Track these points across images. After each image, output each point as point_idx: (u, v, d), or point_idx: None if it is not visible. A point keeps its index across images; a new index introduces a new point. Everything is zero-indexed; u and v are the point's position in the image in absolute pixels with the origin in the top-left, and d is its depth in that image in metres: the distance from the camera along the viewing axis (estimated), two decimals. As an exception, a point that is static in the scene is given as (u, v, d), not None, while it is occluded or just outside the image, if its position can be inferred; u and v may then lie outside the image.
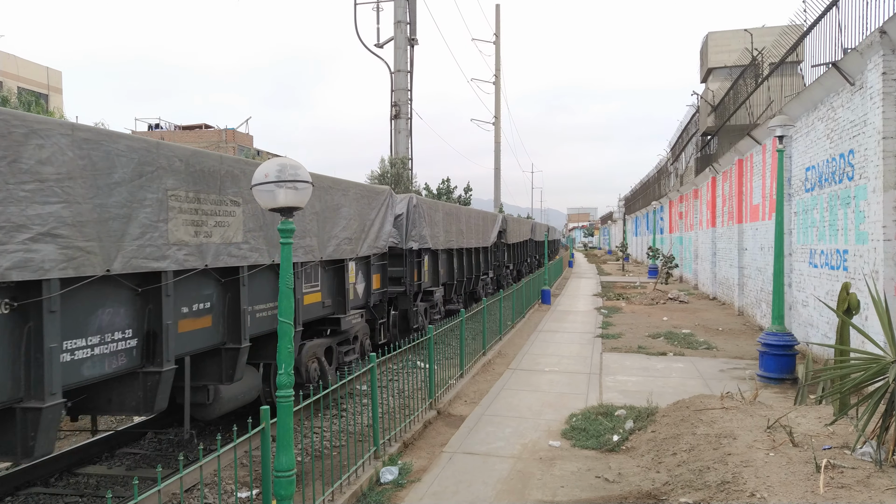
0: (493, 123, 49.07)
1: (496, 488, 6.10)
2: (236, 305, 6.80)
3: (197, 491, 6.05)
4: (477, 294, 19.76)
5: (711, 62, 30.54)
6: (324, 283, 9.01)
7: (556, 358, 12.53)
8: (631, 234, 62.79)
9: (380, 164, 26.76)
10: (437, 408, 8.75)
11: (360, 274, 10.31)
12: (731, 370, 11.24)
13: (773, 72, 16.30)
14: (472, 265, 18.96)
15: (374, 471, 6.39)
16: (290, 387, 4.41)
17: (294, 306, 6.13)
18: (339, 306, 9.53)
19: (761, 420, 6.62)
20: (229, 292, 6.80)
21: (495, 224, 22.27)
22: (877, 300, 5.86)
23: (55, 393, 4.62)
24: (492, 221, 21.93)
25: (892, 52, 8.63)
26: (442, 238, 14.82)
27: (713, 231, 23.02)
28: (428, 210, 13.75)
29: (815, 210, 11.91)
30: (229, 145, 47.59)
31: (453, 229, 16.03)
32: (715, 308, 20.43)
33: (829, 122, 11.18)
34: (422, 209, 13.26)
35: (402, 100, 24.84)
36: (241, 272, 6.81)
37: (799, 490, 4.86)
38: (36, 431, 4.55)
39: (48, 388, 4.56)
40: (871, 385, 5.51)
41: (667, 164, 40.17)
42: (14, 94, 28.45)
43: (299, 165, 4.30)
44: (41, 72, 39.07)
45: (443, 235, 14.90)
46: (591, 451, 7.05)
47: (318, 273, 8.82)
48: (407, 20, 24.96)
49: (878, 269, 8.78)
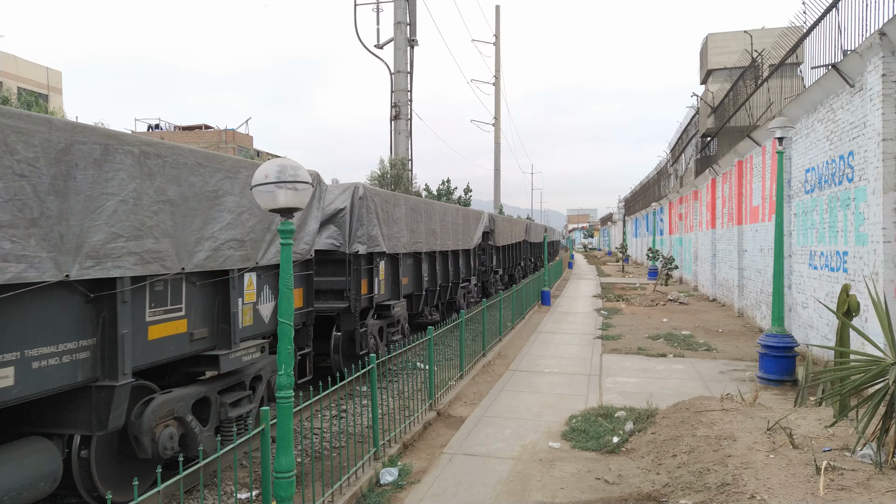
0: (492, 124, 49.11)
1: (496, 490, 6.10)
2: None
3: (197, 492, 6.04)
4: (457, 304, 17.01)
5: (711, 63, 30.56)
6: (192, 306, 6.20)
7: (555, 359, 12.52)
8: (631, 235, 62.81)
9: (379, 165, 26.76)
10: (437, 409, 8.75)
11: (265, 289, 7.55)
12: (731, 372, 11.23)
13: (773, 73, 16.31)
14: (449, 271, 16.02)
15: (374, 472, 6.39)
16: (289, 388, 4.41)
17: (118, 343, 5.03)
18: (221, 338, 6.63)
19: (761, 422, 6.62)
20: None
21: (479, 223, 19.48)
22: (877, 302, 5.86)
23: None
24: (475, 220, 19.16)
25: (891, 53, 8.64)
26: (405, 239, 12.36)
27: (713, 232, 23.02)
28: (381, 203, 11.13)
29: (814, 212, 11.91)
30: (229, 146, 47.63)
31: (422, 228, 13.56)
32: (715, 309, 20.43)
33: (828, 123, 11.19)
34: (371, 203, 10.62)
35: (402, 101, 24.84)
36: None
37: (799, 492, 4.86)
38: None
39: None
40: (871, 387, 5.51)
41: (666, 166, 40.19)
42: (14, 95, 28.46)
43: (299, 166, 4.31)
44: (41, 72, 39.09)
45: (406, 236, 12.44)
46: (590, 453, 7.05)
47: (182, 291, 6.06)
48: (407, 21, 24.98)
49: (878, 271, 8.78)
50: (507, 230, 24.74)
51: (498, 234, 22.36)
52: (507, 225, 25.01)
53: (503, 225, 23.80)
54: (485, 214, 20.25)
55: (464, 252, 17.63)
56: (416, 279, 13.81)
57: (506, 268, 25.54)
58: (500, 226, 22.87)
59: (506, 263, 25.49)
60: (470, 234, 18.09)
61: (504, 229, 23.86)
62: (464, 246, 17.28)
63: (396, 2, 24.83)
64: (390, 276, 12.09)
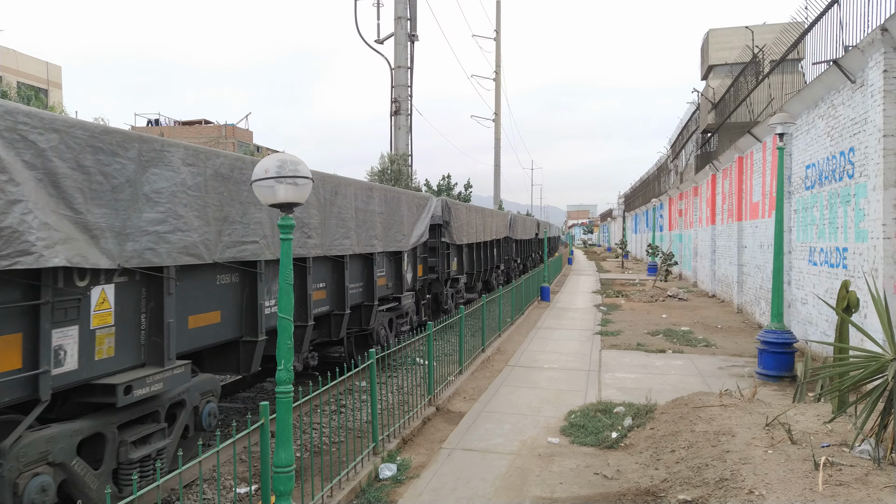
0: (493, 120, 49.04)
1: (495, 485, 6.11)
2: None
3: (196, 486, 6.05)
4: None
5: (712, 59, 30.50)
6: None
7: (555, 355, 12.53)
8: (630, 231, 62.79)
9: (379, 161, 26.70)
10: (436, 404, 8.76)
11: None
12: (730, 368, 11.25)
13: (774, 69, 16.28)
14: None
15: (373, 467, 6.40)
16: (289, 383, 4.42)
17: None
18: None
19: (760, 417, 6.63)
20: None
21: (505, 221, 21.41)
22: (876, 298, 5.86)
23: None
24: (501, 218, 20.95)
25: (893, 49, 8.61)
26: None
27: (713, 228, 23.02)
28: None
29: (814, 208, 11.91)
30: (229, 141, 47.55)
31: None
32: (714, 305, 20.44)
33: (829, 119, 11.17)
34: None
35: (403, 96, 24.79)
36: None
37: (797, 487, 4.87)
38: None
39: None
40: (870, 383, 5.51)
41: (667, 162, 40.17)
42: (14, 89, 28.40)
43: (299, 161, 4.30)
44: (41, 67, 38.99)
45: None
46: (589, 448, 7.06)
47: None
48: (407, 16, 24.91)
49: (878, 268, 8.78)
50: (523, 227, 19.70)
51: (517, 231, 18.31)
52: (523, 223, 19.83)
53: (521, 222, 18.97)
54: (432, 201, 14.37)
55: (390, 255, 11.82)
56: None
57: (521, 258, 21.01)
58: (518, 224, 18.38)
59: (521, 254, 20.79)
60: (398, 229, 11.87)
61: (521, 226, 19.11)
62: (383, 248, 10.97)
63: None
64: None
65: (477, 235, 18.52)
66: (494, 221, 21.68)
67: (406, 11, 24.84)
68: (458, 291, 17.20)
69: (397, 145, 25.22)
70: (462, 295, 17.69)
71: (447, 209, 15.36)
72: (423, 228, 13.34)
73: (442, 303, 15.79)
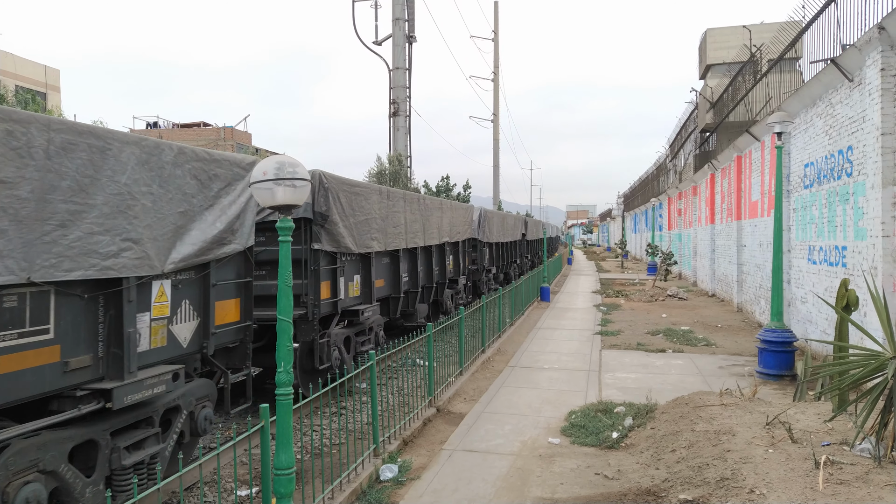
0: (491, 121, 49.06)
1: (496, 485, 6.10)
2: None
3: (197, 489, 6.05)
4: (444, 306, 15.61)
5: (710, 59, 30.54)
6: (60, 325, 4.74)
7: (555, 355, 12.53)
8: (630, 231, 62.80)
9: (376, 162, 26.69)
10: (437, 405, 8.75)
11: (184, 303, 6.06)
12: (730, 367, 11.25)
13: (772, 68, 16.30)
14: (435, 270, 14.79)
15: (374, 468, 6.39)
16: (289, 385, 4.42)
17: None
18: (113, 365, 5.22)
19: (760, 416, 6.63)
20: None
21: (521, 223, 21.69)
22: (875, 297, 5.86)
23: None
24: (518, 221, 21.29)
25: (890, 48, 8.62)
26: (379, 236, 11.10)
27: (712, 228, 23.02)
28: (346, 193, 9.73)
29: (813, 206, 11.91)
30: (228, 143, 47.55)
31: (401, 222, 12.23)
32: (714, 305, 20.44)
33: (827, 118, 11.18)
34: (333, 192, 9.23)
35: (401, 97, 24.80)
36: None
37: (798, 486, 4.87)
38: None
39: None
40: (870, 381, 5.52)
41: (665, 161, 40.20)
42: (11, 93, 28.37)
43: (297, 163, 4.30)
44: (39, 70, 38.98)
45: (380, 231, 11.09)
46: (590, 448, 7.05)
47: None
48: (405, 17, 24.93)
49: (877, 266, 8.79)
50: (500, 226, 23.09)
51: (490, 231, 20.89)
52: (499, 220, 23.27)
53: (495, 220, 22.28)
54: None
55: (451, 248, 16.36)
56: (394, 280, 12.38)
57: (500, 266, 24.08)
58: (491, 221, 21.35)
59: (499, 262, 23.90)
60: (457, 229, 16.85)
61: (496, 225, 22.21)
62: (451, 239, 16.08)
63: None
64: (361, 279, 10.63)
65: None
66: (513, 224, 26.61)
67: (404, 13, 24.86)
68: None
69: (396, 146, 25.23)
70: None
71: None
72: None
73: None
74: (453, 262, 16.75)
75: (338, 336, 9.51)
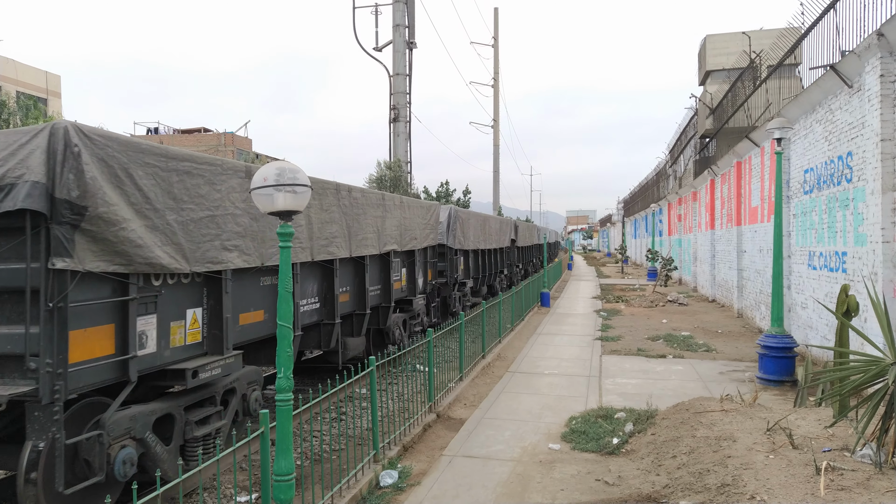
0: (491, 126, 49.14)
1: (496, 492, 6.09)
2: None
3: (196, 495, 6.04)
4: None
5: (710, 65, 30.61)
6: None
7: (555, 361, 12.52)
8: (630, 236, 62.81)
9: (376, 168, 26.71)
10: (437, 411, 8.74)
11: None
12: (731, 372, 11.23)
13: (771, 74, 16.33)
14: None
15: (374, 474, 6.38)
16: (289, 390, 4.41)
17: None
18: None
19: (761, 422, 6.62)
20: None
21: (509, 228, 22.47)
22: (876, 302, 5.86)
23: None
24: (506, 225, 22.07)
25: (889, 54, 8.65)
26: None
27: (712, 233, 23.03)
28: None
29: (813, 212, 11.92)
30: (228, 149, 47.62)
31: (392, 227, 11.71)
32: (714, 310, 20.43)
33: (827, 124, 11.20)
34: None
35: (401, 103, 24.86)
36: None
37: (799, 492, 4.86)
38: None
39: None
40: (871, 387, 5.50)
41: (665, 167, 40.23)
42: (13, 99, 28.44)
43: (298, 169, 4.31)
44: (40, 76, 39.08)
45: None
46: (590, 454, 7.04)
47: None
48: (405, 24, 25.00)
49: (877, 271, 8.79)
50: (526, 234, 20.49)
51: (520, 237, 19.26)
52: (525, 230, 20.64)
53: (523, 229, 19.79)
54: (438, 207, 15.08)
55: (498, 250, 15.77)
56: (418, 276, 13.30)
57: (523, 263, 21.37)
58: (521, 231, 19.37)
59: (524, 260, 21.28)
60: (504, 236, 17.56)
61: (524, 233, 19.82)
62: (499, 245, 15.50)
63: (395, 4, 24.86)
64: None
65: (483, 242, 19.19)
66: (498, 228, 22.35)
67: (404, 19, 24.94)
68: (465, 295, 17.74)
69: (396, 152, 25.27)
70: (468, 298, 18.22)
71: (454, 216, 15.99)
72: (430, 233, 14.09)
73: (450, 306, 16.29)
74: (406, 278, 12.91)
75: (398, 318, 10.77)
